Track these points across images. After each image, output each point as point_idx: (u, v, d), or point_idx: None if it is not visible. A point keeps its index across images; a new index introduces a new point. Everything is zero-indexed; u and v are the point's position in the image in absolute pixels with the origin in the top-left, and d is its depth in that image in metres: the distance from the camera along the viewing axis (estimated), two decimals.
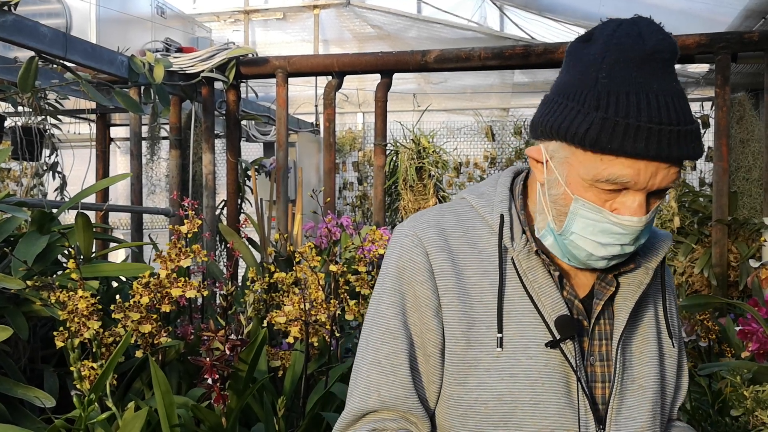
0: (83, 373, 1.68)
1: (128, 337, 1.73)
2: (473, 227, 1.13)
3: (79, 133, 5.15)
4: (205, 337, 1.71)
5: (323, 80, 4.19)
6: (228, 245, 3.02)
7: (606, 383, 1.10)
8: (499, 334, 1.06)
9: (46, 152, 4.23)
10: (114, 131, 5.48)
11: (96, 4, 4.07)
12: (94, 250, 2.44)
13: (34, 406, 1.94)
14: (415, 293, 1.10)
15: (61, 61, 3.15)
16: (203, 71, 3.89)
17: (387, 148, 4.26)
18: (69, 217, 2.60)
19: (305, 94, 6.41)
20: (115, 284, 2.53)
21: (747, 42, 3.42)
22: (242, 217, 3.81)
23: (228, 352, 1.68)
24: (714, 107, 3.56)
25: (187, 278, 2.08)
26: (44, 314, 2.02)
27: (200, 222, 2.21)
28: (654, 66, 0.98)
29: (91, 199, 4.15)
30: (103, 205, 3.77)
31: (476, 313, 1.08)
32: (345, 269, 2.38)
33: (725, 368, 2.08)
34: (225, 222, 4.23)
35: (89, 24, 4.10)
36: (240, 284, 3.06)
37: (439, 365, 1.09)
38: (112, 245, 2.72)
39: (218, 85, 4.16)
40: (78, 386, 1.67)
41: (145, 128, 4.54)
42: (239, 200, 4.31)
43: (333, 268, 2.26)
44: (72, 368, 1.69)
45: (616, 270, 1.12)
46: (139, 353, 1.96)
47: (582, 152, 1.00)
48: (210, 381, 1.65)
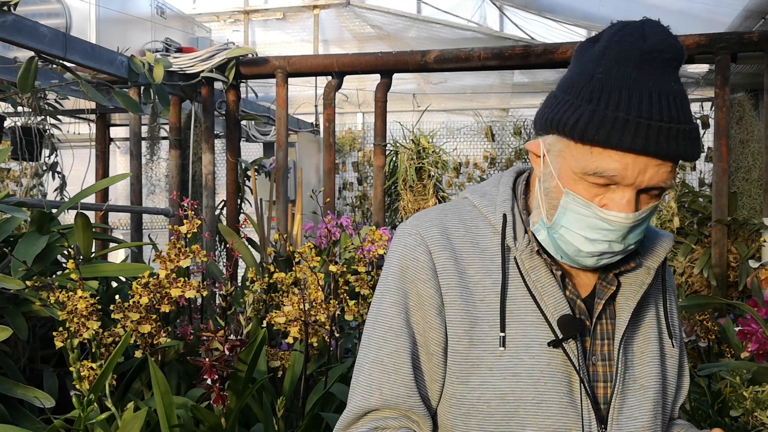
0: (83, 374, 1.68)
1: (127, 338, 1.73)
2: (476, 226, 1.14)
3: (79, 133, 5.14)
4: (205, 338, 1.71)
5: (323, 80, 4.19)
6: (227, 245, 3.02)
7: (608, 383, 1.10)
8: (502, 333, 1.07)
9: (46, 152, 4.23)
10: (114, 131, 5.48)
11: (96, 4, 4.07)
12: (94, 251, 2.44)
13: (34, 407, 1.94)
14: (418, 292, 1.10)
15: (61, 61, 3.14)
16: (203, 71, 3.89)
17: (387, 149, 4.25)
18: (69, 218, 2.60)
19: (305, 94, 6.41)
20: (115, 284, 2.53)
21: (747, 42, 3.42)
22: (242, 218, 3.81)
23: (227, 353, 1.68)
24: (714, 108, 3.56)
25: (187, 278, 2.08)
26: (44, 314, 2.02)
27: (200, 222, 2.21)
28: (653, 65, 0.98)
29: (91, 200, 4.15)
30: (103, 206, 3.76)
31: (479, 312, 1.08)
32: (344, 269, 2.38)
33: (725, 369, 2.08)
34: (225, 222, 4.23)
35: (89, 24, 4.10)
36: (239, 284, 3.06)
37: (442, 364, 1.09)
38: (112, 245, 2.71)
39: (218, 85, 4.16)
40: (77, 386, 1.67)
41: (145, 128, 4.53)
42: (239, 200, 4.31)
43: (332, 269, 2.26)
44: (71, 368, 1.69)
45: (618, 270, 1.12)
46: (139, 353, 1.96)
47: (574, 145, 1.01)
48: (209, 381, 1.65)
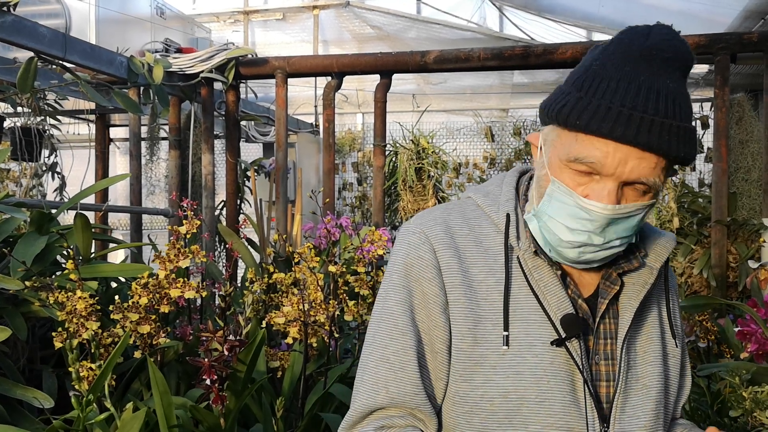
0: (82, 374, 1.68)
1: (127, 338, 1.73)
2: (479, 226, 1.14)
3: (79, 134, 5.14)
4: (204, 338, 1.71)
5: (323, 81, 4.19)
6: (227, 246, 3.02)
7: (610, 382, 1.10)
8: (505, 332, 1.07)
9: (45, 153, 4.23)
10: (113, 132, 5.48)
11: (95, 5, 4.07)
12: (93, 251, 2.44)
13: (33, 407, 1.94)
14: (423, 290, 1.10)
15: (61, 62, 3.15)
16: (202, 72, 3.89)
17: (386, 149, 4.25)
18: (68, 218, 2.60)
19: (305, 95, 6.41)
20: (114, 285, 2.53)
21: (746, 43, 3.42)
22: (241, 218, 3.81)
23: (226, 353, 1.68)
24: (713, 108, 3.56)
25: (186, 279, 2.08)
26: (43, 315, 2.02)
27: (199, 222, 2.21)
28: (651, 62, 0.98)
29: (91, 200, 4.14)
30: (103, 206, 3.76)
31: (482, 311, 1.09)
32: (344, 270, 2.38)
33: (724, 369, 2.08)
34: (224, 223, 4.23)
35: (88, 24, 4.10)
36: (239, 285, 3.06)
37: (447, 362, 1.09)
38: (111, 246, 2.71)
39: (218, 86, 4.15)
40: (76, 387, 1.67)
41: (145, 129, 4.53)
42: (238, 201, 4.31)
43: (332, 269, 2.26)
44: (70, 369, 1.69)
45: (621, 270, 1.12)
46: (138, 354, 1.96)
47: (563, 132, 1.03)
48: (208, 381, 1.65)
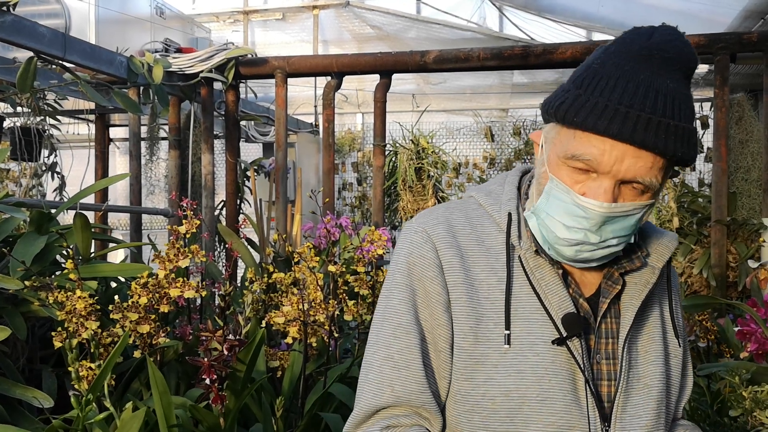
0: (81, 374, 1.68)
1: (126, 338, 1.73)
2: (481, 225, 1.14)
3: (78, 134, 5.14)
4: (203, 338, 1.71)
5: (322, 81, 4.19)
6: (227, 246, 3.02)
7: (612, 381, 1.10)
8: (507, 331, 1.07)
9: (45, 153, 4.23)
10: (113, 132, 5.48)
11: (95, 5, 4.07)
12: (93, 251, 2.44)
13: (33, 407, 1.94)
14: (426, 289, 1.10)
15: (60, 62, 3.14)
16: (202, 71, 3.89)
17: (386, 149, 4.25)
18: (68, 218, 2.60)
19: (304, 95, 6.40)
20: (114, 285, 2.53)
21: (746, 43, 3.42)
22: (241, 218, 3.81)
23: (226, 353, 1.68)
24: (713, 108, 3.56)
25: (186, 279, 2.08)
26: (42, 314, 2.02)
27: (199, 222, 2.21)
28: (651, 61, 0.98)
29: (90, 200, 4.14)
30: (102, 206, 3.76)
31: (484, 310, 1.09)
32: (344, 270, 2.38)
33: (724, 369, 2.08)
34: (224, 222, 4.23)
35: (88, 24, 4.10)
36: (239, 285, 3.06)
37: (450, 360, 1.10)
38: (111, 245, 2.71)
39: (217, 86, 4.15)
40: (76, 386, 1.67)
41: (144, 129, 4.53)
42: (238, 201, 4.31)
43: (332, 269, 2.26)
44: (70, 368, 1.69)
45: (623, 269, 1.12)
46: (138, 353, 1.96)
47: (562, 130, 1.03)
48: (208, 381, 1.65)
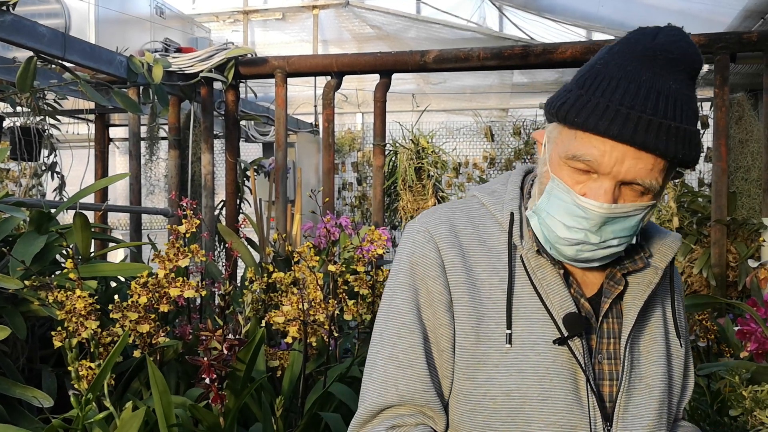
0: (81, 373, 1.68)
1: (126, 337, 1.73)
2: (483, 225, 1.15)
3: (78, 134, 5.14)
4: (203, 337, 1.71)
5: (322, 80, 4.19)
6: (227, 245, 3.02)
7: (613, 381, 1.10)
8: (508, 331, 1.07)
9: (45, 152, 4.23)
10: (113, 131, 5.48)
11: (95, 5, 4.07)
12: (93, 250, 2.44)
13: (32, 406, 1.94)
14: (428, 288, 1.11)
15: (60, 61, 3.14)
16: (202, 71, 3.88)
17: (386, 149, 4.25)
18: (68, 218, 2.60)
19: (304, 95, 6.40)
20: (114, 284, 2.53)
21: (746, 42, 3.42)
22: (241, 218, 3.81)
23: (226, 352, 1.68)
24: (713, 107, 3.56)
25: (186, 278, 2.08)
26: (42, 314, 2.02)
27: (198, 222, 2.21)
28: (655, 62, 0.98)
29: (90, 199, 4.14)
30: (102, 205, 3.76)
31: (486, 309, 1.09)
32: (343, 269, 2.38)
33: (724, 368, 2.08)
34: (224, 222, 4.23)
35: (88, 24, 4.10)
36: (238, 284, 3.06)
37: (452, 360, 1.10)
38: (111, 245, 2.71)
39: (217, 86, 4.15)
40: (76, 386, 1.67)
41: (144, 128, 4.53)
42: (238, 200, 4.31)
43: (331, 268, 2.26)
44: (70, 368, 1.69)
45: (625, 270, 1.12)
46: (137, 353, 1.96)
47: (564, 130, 1.04)
48: (208, 381, 1.65)
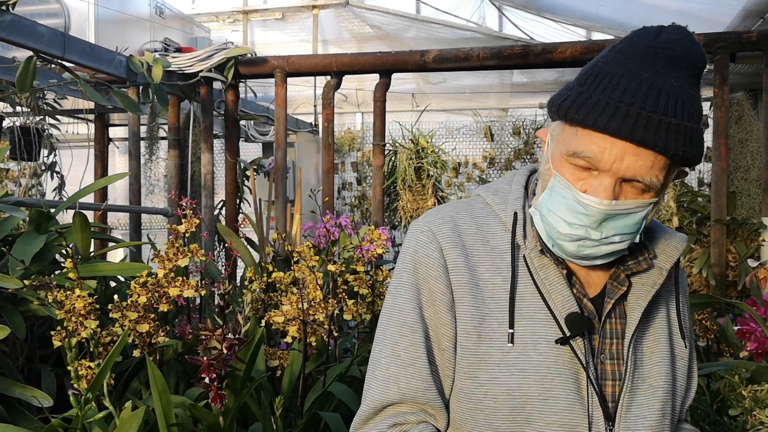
0: (80, 373, 1.68)
1: (125, 337, 1.73)
2: (487, 224, 1.15)
3: (78, 133, 5.14)
4: (203, 336, 1.71)
5: (322, 80, 4.19)
6: (226, 245, 3.02)
7: (616, 381, 1.10)
8: (510, 330, 1.07)
9: (45, 152, 4.22)
10: (112, 131, 5.47)
11: (95, 4, 4.07)
12: (92, 250, 2.44)
13: (32, 406, 1.94)
14: (430, 288, 1.11)
15: (60, 61, 3.14)
16: (202, 71, 3.88)
17: (386, 148, 4.25)
18: (67, 217, 2.60)
19: (304, 94, 6.40)
20: (113, 284, 2.53)
21: (745, 42, 3.42)
22: (241, 217, 3.81)
23: (225, 352, 1.68)
24: (713, 107, 3.56)
25: (185, 278, 2.08)
26: (42, 314, 2.02)
27: (198, 221, 2.21)
28: (656, 60, 0.98)
29: (90, 199, 4.14)
30: (101, 205, 3.76)
31: (488, 309, 1.09)
32: (343, 269, 2.38)
33: (723, 368, 2.08)
34: (223, 222, 4.23)
35: (88, 24, 4.09)
36: (238, 284, 3.06)
37: (453, 359, 1.10)
38: (111, 245, 2.71)
39: (217, 85, 4.15)
40: (75, 385, 1.67)
41: (144, 128, 4.53)
42: (238, 200, 4.31)
43: (331, 268, 2.26)
44: (69, 367, 1.69)
45: (629, 270, 1.12)
46: (137, 353, 1.96)
47: (565, 127, 1.04)
48: (207, 380, 1.65)
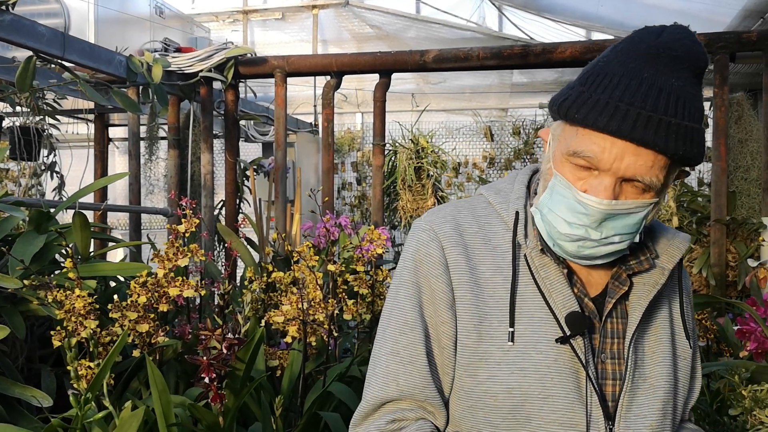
0: (80, 373, 1.68)
1: (125, 337, 1.73)
2: (489, 223, 1.15)
3: (78, 133, 5.14)
4: (203, 336, 1.71)
5: (322, 80, 4.19)
6: (226, 245, 3.02)
7: (617, 381, 1.10)
8: (511, 329, 1.08)
9: (44, 152, 4.22)
10: (112, 131, 5.47)
11: (94, 4, 4.06)
12: (92, 250, 2.44)
13: (32, 406, 1.94)
14: (431, 286, 1.12)
15: (60, 61, 3.14)
16: (202, 71, 3.88)
17: (386, 148, 4.25)
18: (67, 217, 2.60)
19: (304, 94, 6.40)
20: (113, 284, 2.53)
21: (745, 42, 3.42)
22: (240, 217, 3.81)
23: (225, 351, 1.68)
24: (712, 107, 3.56)
25: (185, 278, 2.08)
26: (41, 313, 2.01)
27: (198, 221, 2.21)
28: (658, 59, 0.98)
29: (89, 199, 4.14)
30: (101, 205, 3.76)
31: (489, 308, 1.10)
32: (343, 269, 2.38)
33: (723, 368, 2.08)
34: (223, 222, 4.23)
35: (87, 24, 4.09)
36: (238, 284, 3.06)
37: (453, 357, 1.11)
38: (110, 245, 2.71)
39: (217, 85, 4.15)
40: (75, 385, 1.67)
41: (144, 128, 4.53)
42: (238, 200, 4.31)
43: (331, 268, 2.26)
44: (69, 367, 1.69)
45: (631, 270, 1.12)
46: (137, 352, 1.96)
47: (566, 126, 1.04)
48: (207, 380, 1.65)
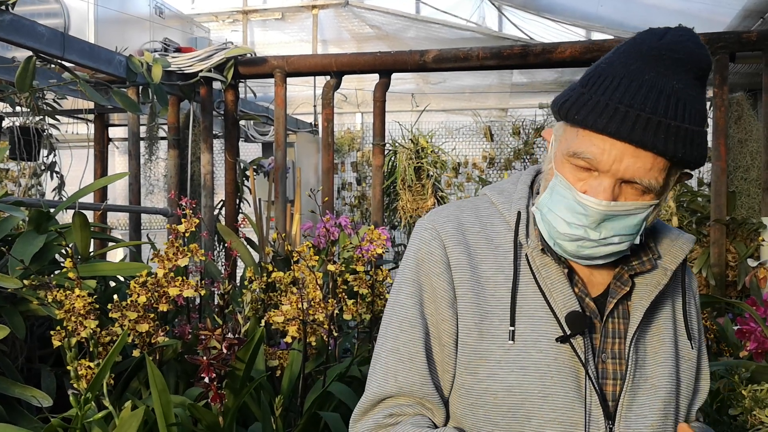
0: (80, 373, 1.68)
1: (125, 336, 1.73)
2: (491, 223, 1.16)
3: (77, 133, 5.14)
4: (203, 336, 1.71)
5: (322, 80, 4.19)
6: (226, 245, 3.02)
7: (617, 380, 1.11)
8: (511, 328, 1.09)
9: (44, 152, 4.22)
10: (112, 131, 5.47)
11: (94, 4, 4.06)
12: (92, 250, 2.44)
13: (31, 406, 1.94)
14: (432, 285, 1.13)
15: (59, 61, 3.14)
16: (201, 71, 3.88)
17: (385, 148, 4.25)
18: (67, 217, 2.60)
19: (304, 94, 6.40)
20: (113, 284, 2.53)
21: (745, 42, 3.42)
22: (240, 217, 3.81)
23: (225, 351, 1.68)
24: (712, 107, 3.56)
25: (185, 278, 2.08)
26: (41, 313, 2.01)
27: (198, 221, 2.21)
28: (660, 61, 0.98)
29: (89, 199, 4.14)
30: (101, 205, 3.76)
31: (490, 307, 1.10)
32: (343, 269, 2.38)
33: (723, 367, 2.08)
34: (223, 222, 4.23)
35: (87, 24, 4.09)
36: (238, 284, 3.06)
37: (453, 355, 1.12)
38: (110, 244, 2.71)
39: (216, 85, 4.15)
40: (75, 385, 1.67)
41: (144, 128, 4.53)
42: (237, 200, 4.31)
43: (331, 268, 2.26)
44: (69, 367, 1.69)
45: (633, 271, 1.13)
46: (137, 352, 1.95)
47: (567, 127, 1.05)
48: (207, 380, 1.65)
